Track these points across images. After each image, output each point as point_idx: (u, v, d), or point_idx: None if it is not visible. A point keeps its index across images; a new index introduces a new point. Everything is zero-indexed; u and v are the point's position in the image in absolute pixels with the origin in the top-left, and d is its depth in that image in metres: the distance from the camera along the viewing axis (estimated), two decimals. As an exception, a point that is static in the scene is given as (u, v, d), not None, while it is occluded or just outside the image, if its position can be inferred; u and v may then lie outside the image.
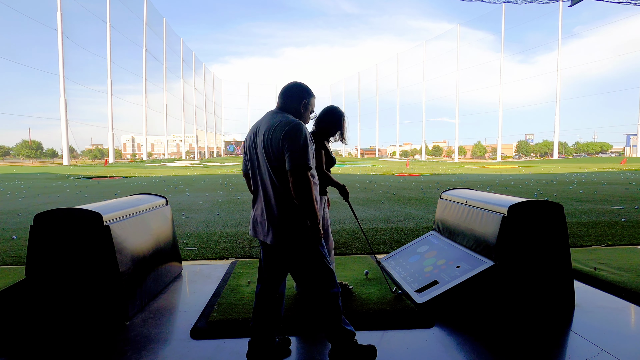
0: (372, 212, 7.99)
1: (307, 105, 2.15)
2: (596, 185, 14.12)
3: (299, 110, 2.12)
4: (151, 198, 3.62)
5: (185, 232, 5.96)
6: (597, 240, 5.12)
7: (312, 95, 2.19)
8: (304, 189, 1.89)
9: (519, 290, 2.86)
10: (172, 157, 75.11)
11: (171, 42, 68.88)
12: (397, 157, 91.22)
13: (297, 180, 1.89)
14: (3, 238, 5.55)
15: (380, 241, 5.22)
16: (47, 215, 2.58)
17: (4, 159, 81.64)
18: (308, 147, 1.93)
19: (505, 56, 65.54)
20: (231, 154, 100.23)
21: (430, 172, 27.38)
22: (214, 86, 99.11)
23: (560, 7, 52.76)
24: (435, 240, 3.90)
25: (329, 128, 2.96)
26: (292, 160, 1.89)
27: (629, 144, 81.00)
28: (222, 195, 11.86)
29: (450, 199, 3.94)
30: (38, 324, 2.57)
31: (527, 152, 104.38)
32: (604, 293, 3.17)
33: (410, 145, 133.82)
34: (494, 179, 18.39)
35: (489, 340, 2.41)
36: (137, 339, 2.45)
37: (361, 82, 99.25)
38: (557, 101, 56.35)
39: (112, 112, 49.09)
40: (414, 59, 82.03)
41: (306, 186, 1.89)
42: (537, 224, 2.87)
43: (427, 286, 3.02)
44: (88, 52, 48.00)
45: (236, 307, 2.84)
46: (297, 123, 1.95)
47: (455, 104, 70.53)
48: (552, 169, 29.69)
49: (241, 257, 4.46)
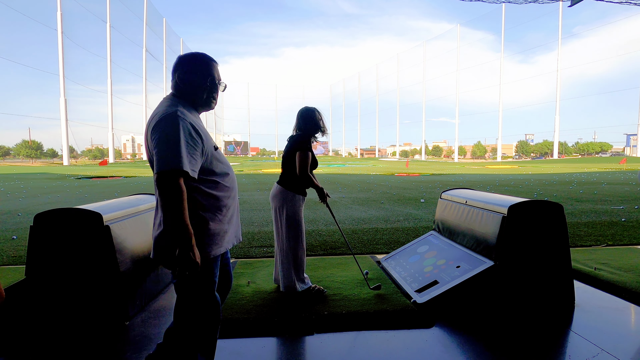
0: (372, 212, 7.99)
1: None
2: (596, 185, 14.12)
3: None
4: (151, 198, 3.62)
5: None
6: (597, 240, 5.12)
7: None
8: (168, 202, 1.45)
9: (519, 290, 2.86)
10: (172, 157, 74.95)
11: (171, 42, 68.97)
12: (397, 157, 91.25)
13: (161, 191, 1.46)
14: (3, 238, 5.55)
15: (380, 241, 5.22)
16: (47, 215, 2.58)
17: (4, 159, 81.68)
18: (180, 143, 1.48)
19: (505, 56, 65.61)
20: (231, 154, 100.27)
21: (430, 172, 27.37)
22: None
23: (560, 7, 52.77)
24: (435, 240, 3.90)
25: (310, 128, 3.05)
26: (156, 164, 1.48)
27: (629, 144, 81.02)
28: (222, 195, 11.84)
29: (450, 199, 3.94)
30: (38, 324, 2.57)
31: (527, 152, 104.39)
32: (604, 293, 3.17)
33: (410, 145, 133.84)
34: (494, 179, 18.39)
35: (489, 340, 2.41)
36: (137, 339, 2.45)
37: (361, 82, 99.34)
38: (557, 101, 56.36)
39: (112, 112, 49.12)
40: (414, 59, 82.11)
41: (170, 199, 1.45)
42: (537, 224, 2.87)
43: (427, 286, 3.02)
44: (88, 52, 48.06)
45: (236, 307, 2.84)
46: (171, 112, 1.53)
47: (455, 104, 70.56)
48: (552, 169, 29.69)
49: (241, 257, 4.46)
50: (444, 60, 74.32)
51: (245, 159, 76.33)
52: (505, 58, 64.50)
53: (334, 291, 3.13)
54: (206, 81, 1.69)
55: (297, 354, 2.31)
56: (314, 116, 3.06)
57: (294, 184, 3.00)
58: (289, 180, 3.01)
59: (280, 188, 3.01)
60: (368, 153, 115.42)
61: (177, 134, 1.48)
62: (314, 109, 3.11)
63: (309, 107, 3.13)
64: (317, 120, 3.07)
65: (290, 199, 2.98)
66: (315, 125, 3.06)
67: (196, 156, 1.55)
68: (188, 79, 1.66)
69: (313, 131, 3.07)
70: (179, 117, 1.52)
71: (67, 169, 33.14)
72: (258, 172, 29.38)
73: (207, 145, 1.63)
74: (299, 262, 3.02)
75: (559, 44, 56.32)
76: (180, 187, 1.47)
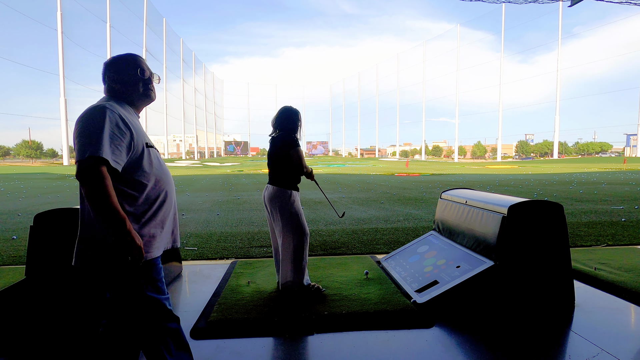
0: (372, 212, 7.99)
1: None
2: (596, 185, 14.12)
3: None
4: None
5: (185, 232, 5.96)
6: (597, 240, 5.12)
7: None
8: (92, 191, 1.36)
9: (519, 290, 2.86)
10: (172, 157, 75.07)
11: (171, 42, 68.89)
12: (397, 157, 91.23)
13: (82, 182, 1.39)
14: (3, 238, 5.55)
15: (380, 241, 5.22)
16: (47, 215, 2.58)
17: (4, 159, 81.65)
18: (103, 133, 1.40)
19: (505, 56, 65.59)
20: (231, 154, 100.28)
21: (430, 172, 27.38)
22: (214, 86, 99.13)
23: (560, 7, 52.78)
24: (435, 240, 3.90)
25: (293, 128, 3.09)
26: (76, 155, 1.41)
27: (629, 144, 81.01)
28: (222, 195, 11.86)
29: (450, 199, 3.94)
30: (38, 324, 2.57)
31: (527, 152, 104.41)
32: (604, 293, 3.17)
33: (410, 145, 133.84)
34: (494, 179, 18.40)
35: (489, 340, 2.41)
36: (137, 339, 2.44)
37: (361, 82, 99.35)
38: (557, 101, 56.37)
39: (112, 112, 49.02)
40: (413, 59, 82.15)
41: (94, 187, 1.36)
42: (537, 224, 2.87)
43: (427, 286, 3.02)
44: (88, 52, 48.07)
45: (236, 307, 2.84)
46: (98, 106, 1.48)
47: (455, 104, 70.57)
48: (552, 169, 29.69)
49: (241, 257, 4.46)
50: (444, 60, 74.41)
51: (245, 159, 76.34)
52: (505, 58, 64.55)
53: (334, 291, 3.13)
54: (136, 72, 1.65)
55: (297, 354, 2.31)
56: (294, 117, 3.10)
57: (288, 182, 3.03)
58: (282, 179, 3.03)
59: (276, 188, 3.02)
60: (368, 153, 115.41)
61: (101, 124, 1.41)
62: (297, 111, 3.17)
63: (291, 108, 3.16)
64: (296, 122, 3.10)
65: (288, 197, 3.00)
66: (295, 126, 3.10)
67: (121, 147, 1.46)
68: (119, 79, 1.63)
69: (294, 131, 3.10)
70: (106, 109, 1.46)
71: (67, 169, 33.14)
72: (258, 172, 29.40)
73: (138, 140, 1.54)
74: (302, 259, 3.02)
75: (559, 44, 56.34)
76: (103, 173, 1.37)
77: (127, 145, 1.48)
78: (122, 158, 1.46)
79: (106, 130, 1.41)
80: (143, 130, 1.63)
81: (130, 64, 1.66)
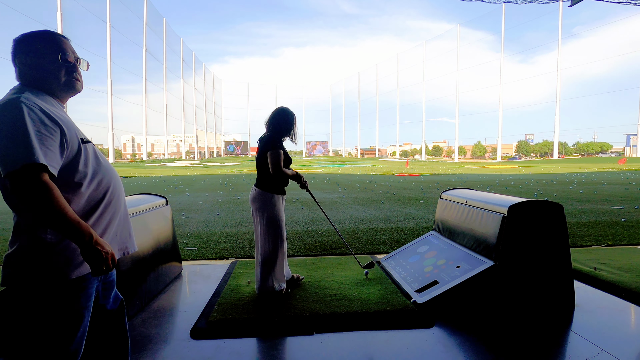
0: (372, 212, 7.99)
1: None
2: (596, 185, 14.12)
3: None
4: (151, 198, 3.62)
5: (185, 232, 5.96)
6: (597, 240, 5.12)
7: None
8: (37, 202, 1.14)
9: (519, 290, 2.86)
10: (172, 157, 75.16)
11: (171, 42, 68.88)
12: (397, 157, 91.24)
13: (20, 197, 1.15)
14: (3, 238, 5.55)
15: (380, 241, 5.22)
16: None
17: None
18: (28, 133, 1.16)
19: (505, 56, 65.60)
20: (231, 154, 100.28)
21: (430, 172, 27.38)
22: (214, 86, 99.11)
23: (560, 7, 52.76)
24: (435, 240, 3.90)
25: (282, 130, 3.05)
26: (1, 166, 1.16)
27: (629, 144, 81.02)
28: (222, 195, 11.86)
29: (450, 199, 3.94)
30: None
31: (527, 152, 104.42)
32: (604, 293, 3.17)
33: (410, 145, 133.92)
34: (494, 179, 18.40)
35: (489, 340, 2.41)
36: (137, 339, 2.44)
37: (361, 82, 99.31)
38: (557, 101, 56.35)
39: (112, 112, 49.05)
40: (413, 59, 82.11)
41: (38, 198, 1.14)
42: (537, 224, 2.87)
43: (427, 286, 3.02)
44: (88, 52, 47.99)
45: (236, 307, 2.84)
46: (12, 99, 1.21)
47: (455, 104, 70.55)
48: (552, 169, 29.69)
49: (241, 257, 4.46)
50: (444, 60, 74.38)
51: (245, 159, 76.36)
52: (505, 58, 64.53)
53: (334, 291, 3.13)
54: (57, 57, 1.35)
55: (297, 354, 2.31)
56: (288, 118, 3.06)
57: (271, 184, 2.99)
58: (265, 181, 2.99)
59: (258, 191, 3.00)
60: (368, 153, 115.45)
61: (21, 123, 1.16)
62: (293, 114, 3.12)
63: (287, 109, 3.12)
64: (290, 124, 3.06)
65: (269, 200, 2.97)
66: (287, 128, 3.05)
67: (54, 148, 1.21)
68: (34, 63, 1.33)
69: (285, 133, 3.06)
70: (22, 103, 1.19)
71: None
72: (258, 172, 29.34)
73: (71, 136, 1.29)
74: (277, 264, 3.02)
75: (559, 44, 56.33)
76: (48, 183, 1.15)
77: (59, 144, 1.24)
78: (56, 160, 1.21)
79: (31, 130, 1.16)
80: (74, 124, 1.37)
81: (48, 44, 1.35)
